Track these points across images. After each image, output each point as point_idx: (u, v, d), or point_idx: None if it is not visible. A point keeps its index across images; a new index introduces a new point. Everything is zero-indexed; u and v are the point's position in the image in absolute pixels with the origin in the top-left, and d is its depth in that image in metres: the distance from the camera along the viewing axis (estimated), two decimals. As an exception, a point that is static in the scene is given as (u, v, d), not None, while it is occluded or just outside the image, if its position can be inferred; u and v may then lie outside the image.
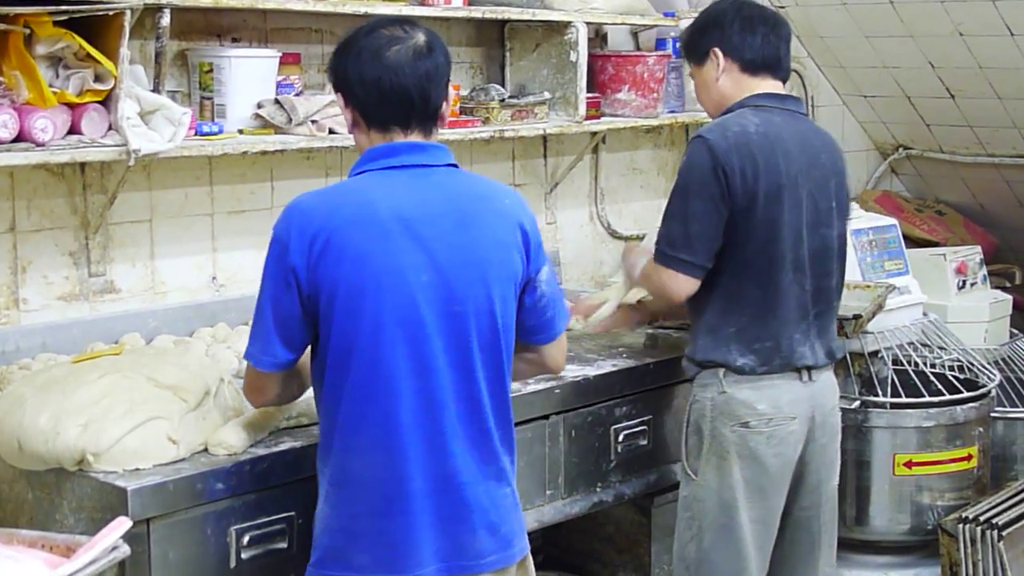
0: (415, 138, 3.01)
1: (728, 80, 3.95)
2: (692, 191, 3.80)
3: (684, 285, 3.83)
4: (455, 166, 3.05)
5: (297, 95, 4.28)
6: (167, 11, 3.81)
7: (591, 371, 4.12)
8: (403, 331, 2.87)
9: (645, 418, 4.22)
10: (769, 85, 3.96)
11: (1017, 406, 5.37)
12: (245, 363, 3.06)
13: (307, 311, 2.90)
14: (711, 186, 3.75)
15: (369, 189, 2.95)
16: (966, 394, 4.90)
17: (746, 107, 3.90)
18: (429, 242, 2.90)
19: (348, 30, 3.07)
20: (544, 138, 5.38)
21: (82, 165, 4.00)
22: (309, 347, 3.01)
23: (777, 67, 3.98)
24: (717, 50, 3.95)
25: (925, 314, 5.24)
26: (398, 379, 2.87)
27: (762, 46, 3.94)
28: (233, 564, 3.18)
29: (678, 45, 4.27)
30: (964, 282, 5.75)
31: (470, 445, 2.95)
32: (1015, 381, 5.48)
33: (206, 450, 3.24)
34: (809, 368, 3.88)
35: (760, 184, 3.75)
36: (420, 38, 3.00)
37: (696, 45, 4.03)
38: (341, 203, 2.92)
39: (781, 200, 3.78)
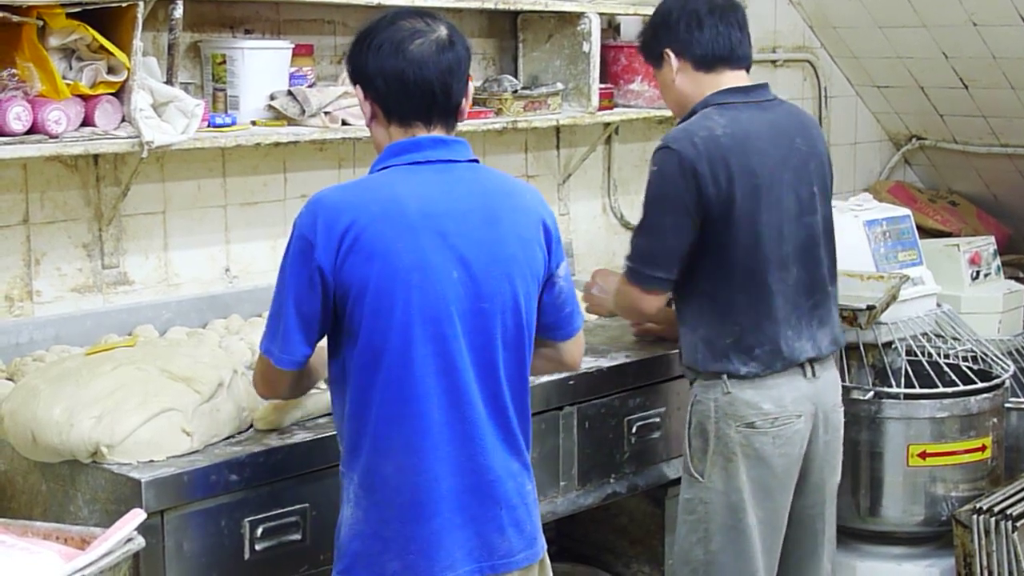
0: (437, 133, 2.96)
1: (685, 79, 3.85)
2: (665, 205, 3.73)
3: (657, 302, 3.85)
4: (476, 161, 3.00)
5: (310, 86, 4.28)
6: (180, 3, 3.81)
7: (605, 362, 4.11)
8: (432, 329, 2.82)
9: (659, 409, 4.22)
10: (729, 78, 3.84)
11: (1031, 397, 5.37)
12: (257, 354, 3.03)
13: (330, 309, 2.85)
14: (683, 197, 3.68)
15: (395, 184, 2.89)
16: (980, 385, 4.89)
17: (710, 106, 3.79)
18: (457, 239, 2.86)
19: (366, 21, 3.03)
20: (557, 129, 5.37)
21: (95, 157, 4.00)
22: (326, 344, 2.98)
23: (732, 57, 3.85)
24: (668, 51, 3.85)
25: (939, 305, 5.22)
26: (428, 378, 2.83)
27: (711, 39, 3.81)
28: (247, 556, 3.18)
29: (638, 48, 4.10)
30: (978, 272, 5.73)
31: (497, 442, 2.92)
32: (1029, 372, 5.48)
33: (228, 438, 3.26)
34: (812, 361, 3.84)
35: (736, 188, 3.67)
36: (442, 31, 2.96)
37: (650, 48, 3.95)
38: (368, 199, 2.85)
39: (759, 201, 3.71)
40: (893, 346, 4.92)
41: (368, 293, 2.80)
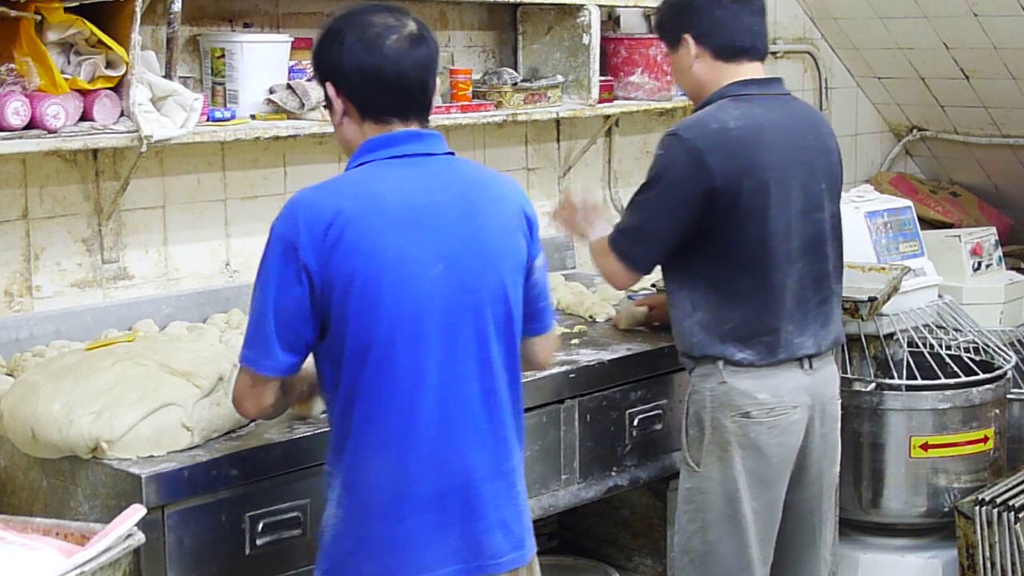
0: (412, 127, 2.93)
1: (703, 67, 3.82)
2: (664, 189, 3.72)
3: (628, 278, 3.86)
4: (452, 154, 2.98)
5: (309, 80, 4.27)
6: (178, -4, 3.82)
7: (606, 355, 4.10)
8: (421, 324, 2.79)
9: (660, 402, 4.21)
10: (747, 70, 3.82)
11: (1033, 388, 5.37)
12: (237, 369, 2.95)
13: (316, 308, 2.79)
14: (684, 186, 3.68)
15: (374, 180, 2.85)
16: (982, 376, 4.89)
17: (726, 97, 3.78)
18: (438, 232, 2.83)
19: (330, 18, 2.98)
20: (557, 122, 5.37)
21: (94, 151, 4.00)
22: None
23: (752, 49, 3.83)
24: (688, 37, 3.81)
25: (940, 296, 5.22)
26: (419, 375, 2.79)
27: (735, 31, 3.79)
28: (248, 551, 3.18)
29: (653, 24, 4.07)
30: (979, 263, 5.73)
31: (486, 441, 2.88)
32: (1031, 362, 5.47)
33: (228, 432, 3.26)
34: (811, 357, 3.82)
35: (744, 182, 3.66)
36: (412, 25, 2.91)
37: (668, 29, 3.91)
38: (348, 194, 2.82)
39: (768, 195, 3.69)
40: (895, 337, 4.91)
41: (353, 289, 2.76)
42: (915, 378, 4.81)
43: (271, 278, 2.80)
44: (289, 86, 4.20)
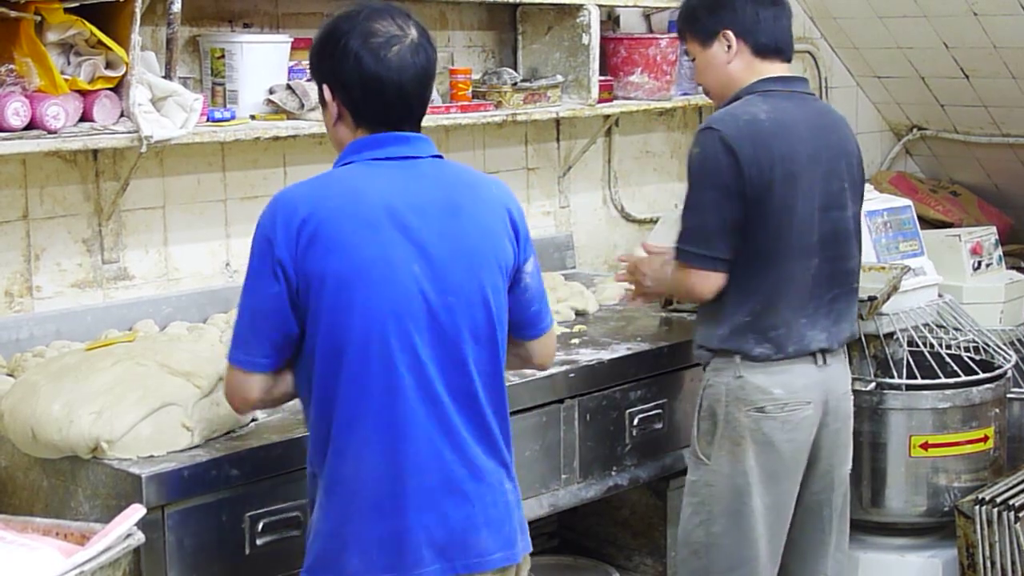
0: (402, 131, 2.92)
1: (740, 63, 3.86)
2: (707, 183, 3.74)
3: (714, 281, 3.76)
4: (440, 157, 2.96)
5: (309, 80, 4.27)
6: (178, -3, 3.82)
7: (606, 355, 4.11)
8: (395, 323, 2.77)
9: (660, 402, 4.21)
10: (777, 68, 3.88)
11: (1033, 387, 5.36)
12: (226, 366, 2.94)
13: (295, 306, 2.79)
14: (725, 176, 3.69)
15: (355, 179, 2.85)
16: (982, 375, 4.88)
17: (754, 93, 3.82)
18: (418, 232, 2.81)
19: (331, 19, 2.96)
20: (557, 121, 5.37)
21: (95, 152, 4.00)
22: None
23: (786, 48, 3.91)
24: (730, 32, 3.84)
25: (940, 295, 5.21)
26: (392, 374, 2.78)
27: (774, 29, 3.86)
28: (248, 551, 3.18)
29: (677, 20, 4.07)
30: (979, 263, 5.72)
31: (470, 438, 2.86)
32: (1031, 362, 5.47)
33: (228, 432, 3.27)
34: (824, 352, 3.84)
35: (775, 172, 3.69)
36: (414, 33, 2.89)
37: (704, 24, 3.91)
38: (327, 193, 2.82)
39: (796, 187, 3.72)
40: (895, 337, 4.91)
41: (327, 287, 2.76)
42: (915, 377, 4.80)
43: (251, 275, 2.83)
44: (289, 86, 4.20)
